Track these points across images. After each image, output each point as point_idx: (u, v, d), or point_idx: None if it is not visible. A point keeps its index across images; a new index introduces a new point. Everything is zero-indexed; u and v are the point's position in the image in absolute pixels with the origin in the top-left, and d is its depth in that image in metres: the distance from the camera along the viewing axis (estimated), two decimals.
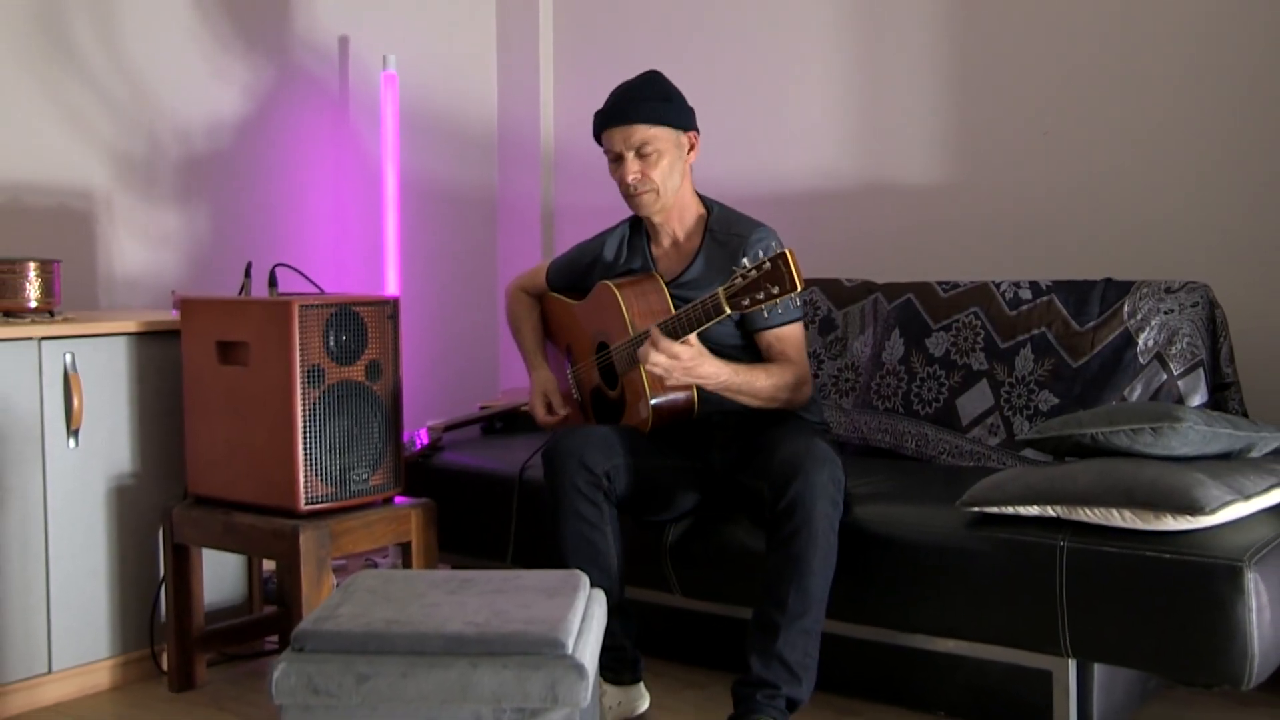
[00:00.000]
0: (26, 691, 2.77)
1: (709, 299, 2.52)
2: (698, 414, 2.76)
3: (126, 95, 3.40)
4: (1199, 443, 2.46)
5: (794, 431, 2.66)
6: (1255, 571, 2.23)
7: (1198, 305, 2.93)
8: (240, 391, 2.75)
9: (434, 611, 1.92)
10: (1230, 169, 3.23)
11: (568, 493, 2.59)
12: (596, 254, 2.99)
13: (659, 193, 2.79)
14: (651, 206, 2.82)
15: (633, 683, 2.64)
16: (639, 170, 2.77)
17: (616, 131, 2.79)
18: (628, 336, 2.75)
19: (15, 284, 2.80)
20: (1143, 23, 3.33)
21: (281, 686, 1.81)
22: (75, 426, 2.83)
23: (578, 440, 2.63)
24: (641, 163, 2.78)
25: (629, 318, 2.76)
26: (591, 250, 3.02)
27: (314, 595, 2.63)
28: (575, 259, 3.07)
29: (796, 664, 2.44)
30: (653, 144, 2.77)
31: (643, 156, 2.77)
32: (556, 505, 2.61)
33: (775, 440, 2.62)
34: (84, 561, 2.86)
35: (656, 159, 2.77)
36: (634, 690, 2.64)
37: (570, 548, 2.58)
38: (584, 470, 2.59)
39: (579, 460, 2.59)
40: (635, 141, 2.77)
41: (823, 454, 2.51)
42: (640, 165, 2.77)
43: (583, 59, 4.30)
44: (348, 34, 3.97)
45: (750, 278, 2.44)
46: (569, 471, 2.59)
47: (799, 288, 2.41)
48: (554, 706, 1.78)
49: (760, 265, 2.43)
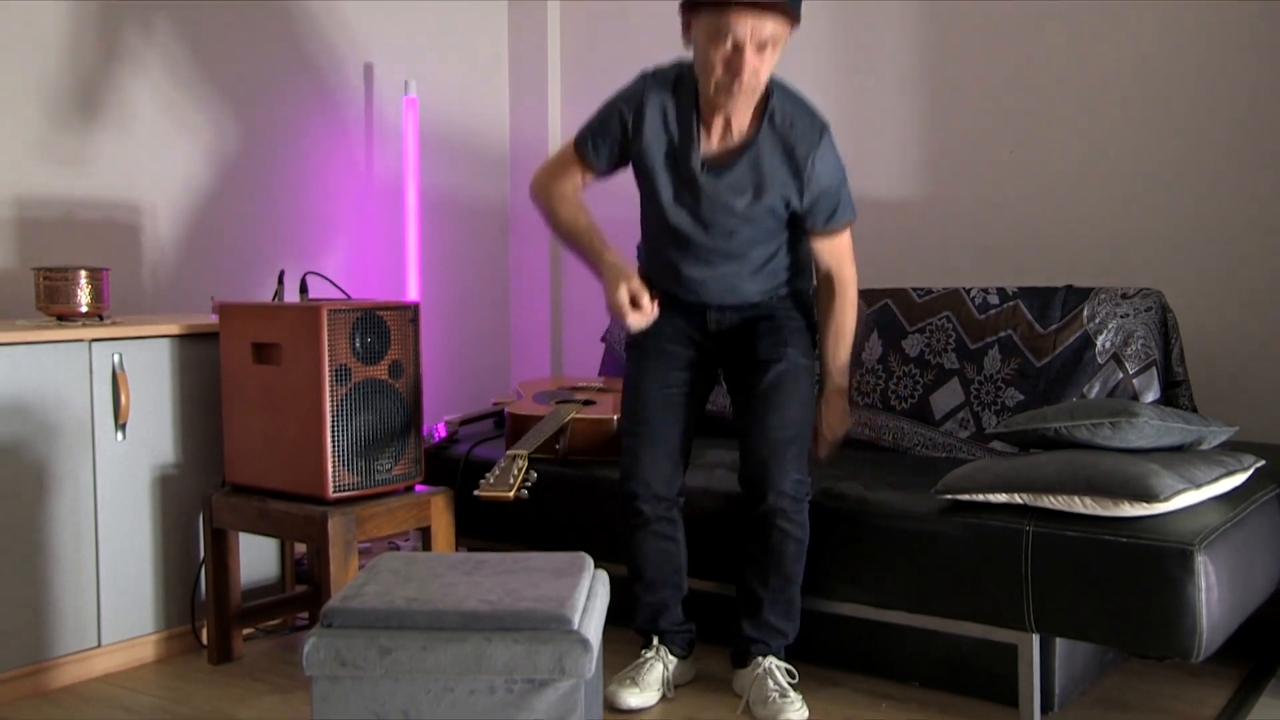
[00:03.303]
0: (77, 664, 2.76)
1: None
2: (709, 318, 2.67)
3: (170, 118, 3.40)
4: (1154, 436, 2.46)
5: (774, 404, 2.57)
6: (1205, 554, 2.22)
7: (1151, 310, 2.93)
8: (274, 389, 2.74)
9: (451, 590, 1.92)
10: (1180, 186, 3.23)
11: (648, 522, 2.59)
12: (635, 126, 2.51)
13: (756, 90, 2.36)
14: (742, 102, 2.38)
15: (688, 657, 2.70)
16: (756, 66, 2.29)
17: (748, 17, 2.25)
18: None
19: (68, 290, 2.80)
20: (1095, 55, 3.33)
21: (312, 659, 1.81)
22: (123, 421, 2.82)
23: (645, 470, 2.58)
24: (758, 57, 2.29)
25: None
26: (623, 117, 2.52)
27: (341, 576, 2.62)
28: (605, 123, 2.56)
29: (781, 621, 2.57)
30: (777, 40, 2.32)
31: (761, 50, 2.29)
32: (636, 531, 2.61)
33: (758, 413, 2.56)
34: (130, 544, 2.85)
35: (771, 54, 2.32)
36: (689, 662, 2.70)
37: (652, 563, 2.62)
38: (660, 502, 2.59)
39: (654, 494, 2.58)
40: (765, 34, 2.28)
41: (790, 452, 2.53)
42: (757, 60, 2.29)
43: (588, 82, 4.30)
44: (372, 62, 3.96)
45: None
46: (647, 505, 2.58)
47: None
48: (561, 677, 1.78)
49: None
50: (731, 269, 2.62)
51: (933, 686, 2.65)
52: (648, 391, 2.64)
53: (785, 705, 2.45)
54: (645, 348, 2.69)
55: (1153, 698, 2.62)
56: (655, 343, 2.66)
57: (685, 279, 2.64)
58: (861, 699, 2.61)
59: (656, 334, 2.62)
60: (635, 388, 2.68)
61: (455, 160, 4.26)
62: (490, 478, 2.51)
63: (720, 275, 2.62)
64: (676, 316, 2.67)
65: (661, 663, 2.61)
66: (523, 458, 2.59)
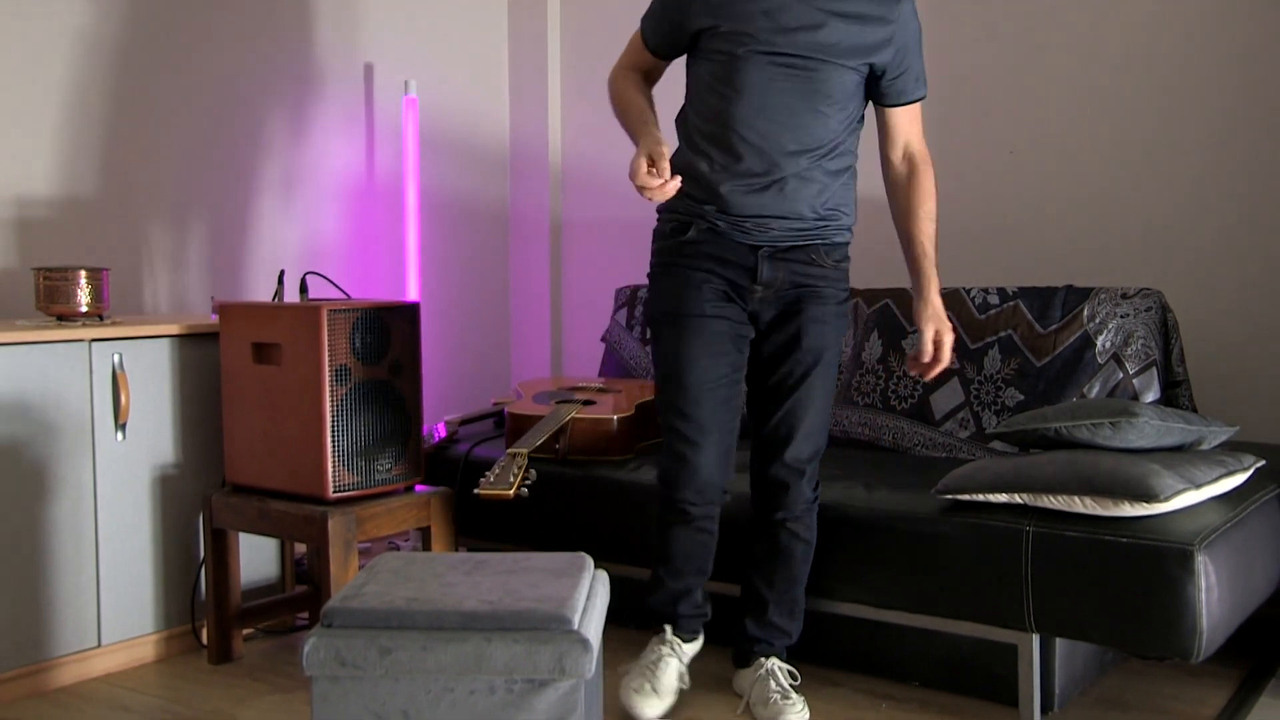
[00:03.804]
0: (78, 663, 2.76)
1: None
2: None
3: (171, 118, 3.40)
4: (1154, 436, 2.45)
5: (803, 415, 2.42)
6: (1205, 554, 2.22)
7: (1151, 310, 2.92)
8: (274, 389, 2.74)
9: (451, 590, 1.91)
10: (1181, 186, 3.22)
11: (691, 520, 2.46)
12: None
13: None
14: None
15: (698, 637, 2.64)
16: None
17: None
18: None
19: (68, 290, 2.80)
20: (1097, 55, 3.33)
21: (312, 659, 1.80)
22: (123, 421, 2.82)
23: (698, 477, 2.40)
24: None
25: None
26: None
27: (341, 575, 2.62)
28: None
29: (786, 621, 2.55)
30: None
31: None
32: (674, 526, 2.47)
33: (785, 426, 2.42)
34: (131, 544, 2.85)
35: None
36: (697, 642, 2.64)
37: (684, 553, 2.50)
38: (709, 505, 2.46)
39: (706, 500, 2.44)
40: None
41: (811, 468, 2.47)
42: None
43: (588, 83, 4.29)
44: (372, 62, 3.96)
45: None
46: (696, 509, 2.44)
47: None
48: (561, 677, 1.77)
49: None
50: (800, 167, 2.35)
51: (933, 686, 2.65)
52: (697, 383, 2.38)
53: (786, 706, 2.43)
54: (682, 321, 2.40)
55: (1153, 698, 2.61)
56: (695, 313, 2.39)
57: (735, 199, 2.36)
58: (861, 699, 2.61)
59: (694, 300, 2.38)
60: (677, 378, 2.40)
61: (455, 160, 4.26)
62: (490, 476, 2.50)
63: (784, 187, 2.35)
64: (716, 275, 2.39)
65: (675, 657, 2.53)
66: (523, 457, 2.58)
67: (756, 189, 2.37)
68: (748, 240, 2.39)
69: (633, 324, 3.69)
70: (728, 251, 2.40)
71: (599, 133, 4.23)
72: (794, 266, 2.42)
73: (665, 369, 2.44)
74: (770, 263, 2.40)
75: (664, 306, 2.45)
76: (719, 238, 2.40)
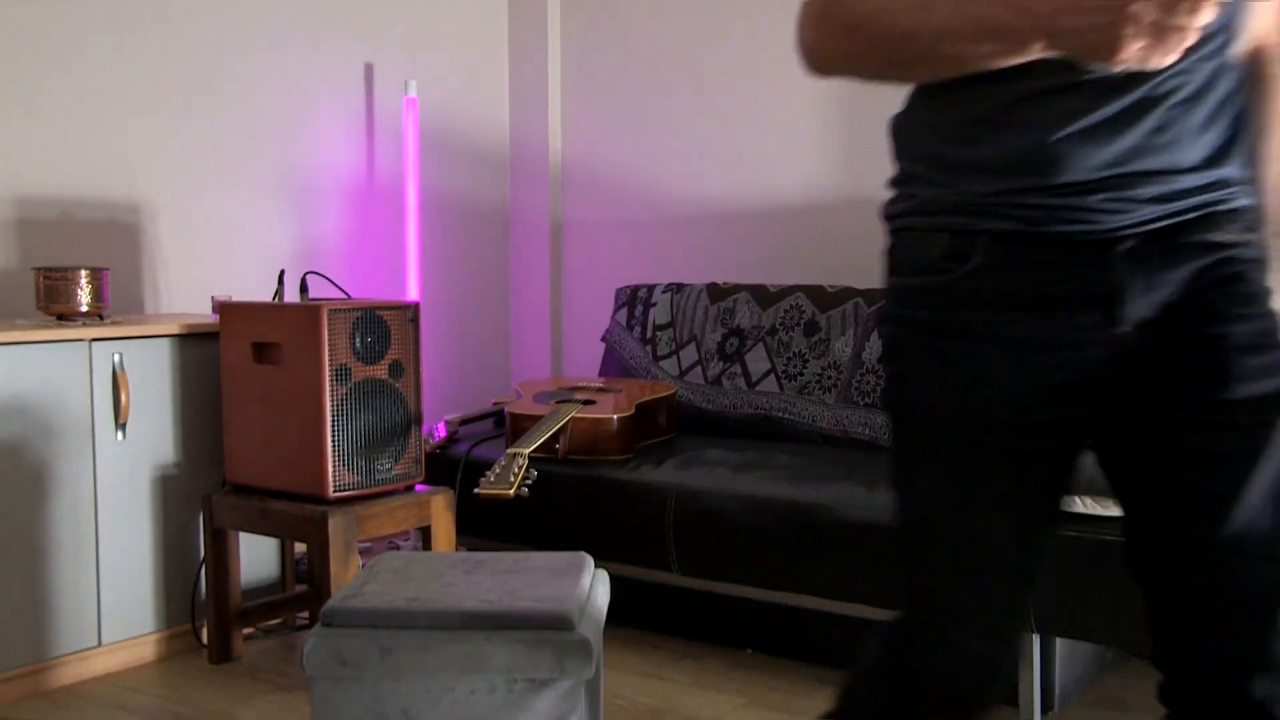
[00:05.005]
0: (78, 663, 2.76)
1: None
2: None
3: (171, 117, 3.39)
4: None
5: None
6: None
7: None
8: (274, 388, 2.74)
9: (451, 590, 1.91)
10: None
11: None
12: None
13: None
14: None
15: None
16: None
17: None
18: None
19: (68, 290, 2.80)
20: None
21: (312, 659, 1.80)
22: (123, 420, 2.82)
23: (978, 662, 1.47)
24: None
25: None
26: None
27: (341, 575, 2.62)
28: None
29: None
30: None
31: None
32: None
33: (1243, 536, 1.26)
34: (130, 544, 2.85)
35: None
36: None
37: None
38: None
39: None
40: None
41: None
42: None
43: (588, 84, 4.29)
44: (372, 62, 3.95)
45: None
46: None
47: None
48: (561, 677, 1.77)
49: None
50: (1187, 86, 1.22)
51: None
52: (986, 535, 1.37)
53: None
54: (953, 430, 1.36)
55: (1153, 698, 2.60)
56: (978, 420, 1.33)
57: (1084, 158, 1.25)
58: None
59: (979, 402, 1.32)
60: (947, 522, 1.40)
61: (455, 160, 4.26)
62: (490, 476, 2.50)
63: (1160, 128, 1.22)
64: (1027, 320, 1.29)
65: None
66: (523, 456, 2.58)
67: (1117, 161, 1.25)
68: (1090, 224, 1.27)
69: (633, 324, 3.69)
70: (1042, 268, 1.30)
71: (599, 133, 4.23)
72: (1182, 248, 1.25)
73: (921, 513, 1.47)
74: (1145, 272, 1.26)
75: (905, 389, 1.44)
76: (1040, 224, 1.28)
